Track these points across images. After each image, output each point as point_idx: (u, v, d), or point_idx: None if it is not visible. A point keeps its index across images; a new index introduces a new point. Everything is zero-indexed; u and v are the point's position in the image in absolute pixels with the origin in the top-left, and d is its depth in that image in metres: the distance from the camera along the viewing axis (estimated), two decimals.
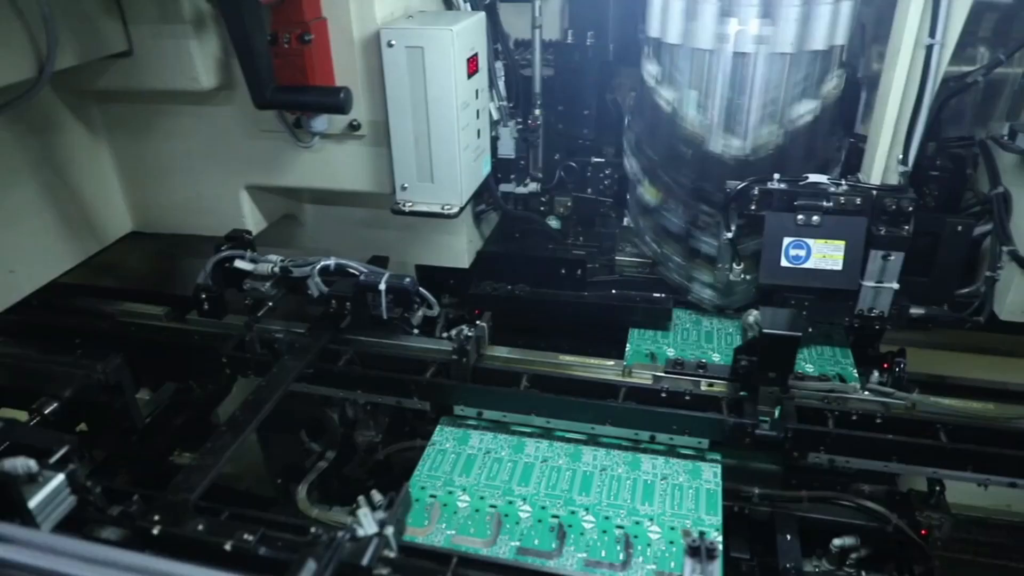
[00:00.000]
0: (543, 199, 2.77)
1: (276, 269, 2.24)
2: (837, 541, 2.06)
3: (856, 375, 2.36)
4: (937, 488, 2.16)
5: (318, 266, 2.23)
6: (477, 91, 2.29)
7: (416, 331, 2.31)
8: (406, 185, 2.27)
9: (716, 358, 2.41)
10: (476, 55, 2.24)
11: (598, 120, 2.72)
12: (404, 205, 2.29)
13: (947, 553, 2.30)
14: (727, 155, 2.42)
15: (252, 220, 2.53)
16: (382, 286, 2.15)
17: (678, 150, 2.47)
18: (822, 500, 2.15)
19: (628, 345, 2.52)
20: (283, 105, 2.15)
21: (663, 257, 2.71)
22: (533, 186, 2.73)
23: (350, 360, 2.25)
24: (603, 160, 2.72)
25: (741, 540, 2.18)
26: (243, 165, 2.43)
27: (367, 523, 1.49)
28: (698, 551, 1.44)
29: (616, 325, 2.61)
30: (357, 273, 2.22)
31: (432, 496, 1.99)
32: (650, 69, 2.46)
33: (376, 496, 2.02)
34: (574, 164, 2.74)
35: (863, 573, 2.10)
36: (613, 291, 2.67)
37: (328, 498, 2.47)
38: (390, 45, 2.09)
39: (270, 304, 2.28)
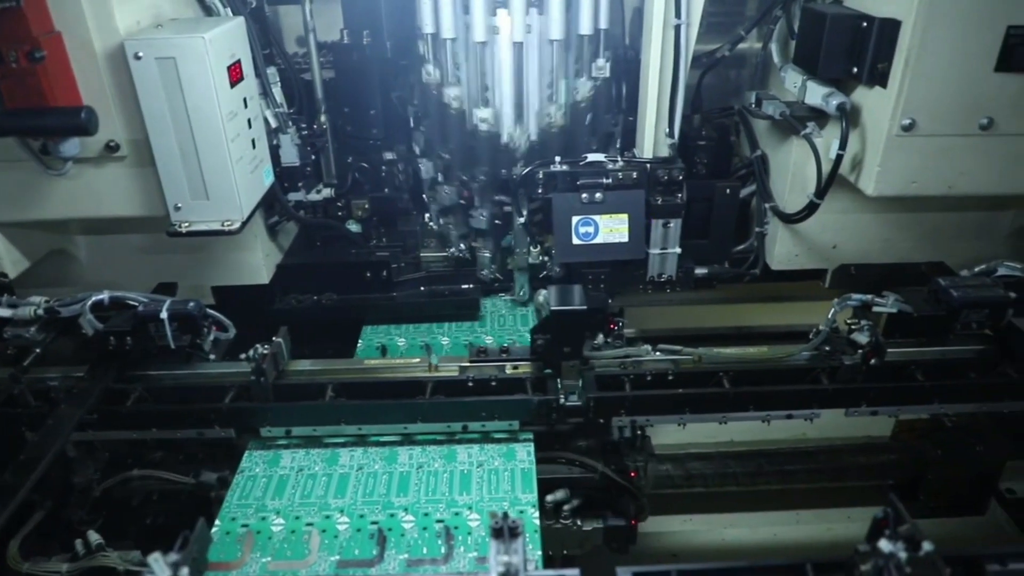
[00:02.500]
0: (339, 204, 2.71)
1: (40, 311, 2.05)
2: (549, 497, 2.14)
3: None
4: (639, 432, 2.30)
5: (89, 302, 2.05)
6: (245, 99, 2.19)
7: (212, 356, 2.19)
8: (180, 205, 2.14)
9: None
10: (238, 62, 2.14)
11: (385, 119, 2.69)
12: (180, 226, 2.16)
13: (656, 491, 2.48)
14: (514, 143, 2.49)
15: (9, 261, 2.27)
16: (164, 314, 2.02)
17: (468, 145, 2.50)
18: (541, 460, 2.16)
19: (360, 341, 2.58)
20: (15, 131, 1.95)
21: (472, 254, 2.74)
22: (327, 192, 2.67)
23: (140, 397, 2.09)
24: (395, 157, 2.70)
25: None
26: None
27: (158, 568, 1.39)
28: (501, 532, 1.46)
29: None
30: (136, 304, 2.07)
31: (244, 526, 1.90)
32: (429, 67, 2.47)
33: (93, 536, 1.89)
34: (366, 165, 2.70)
35: (578, 522, 2.20)
36: (422, 288, 2.67)
37: (48, 549, 2.22)
38: (138, 57, 1.95)
39: (38, 351, 2.07)
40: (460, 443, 2.12)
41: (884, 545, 1.44)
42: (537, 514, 1.90)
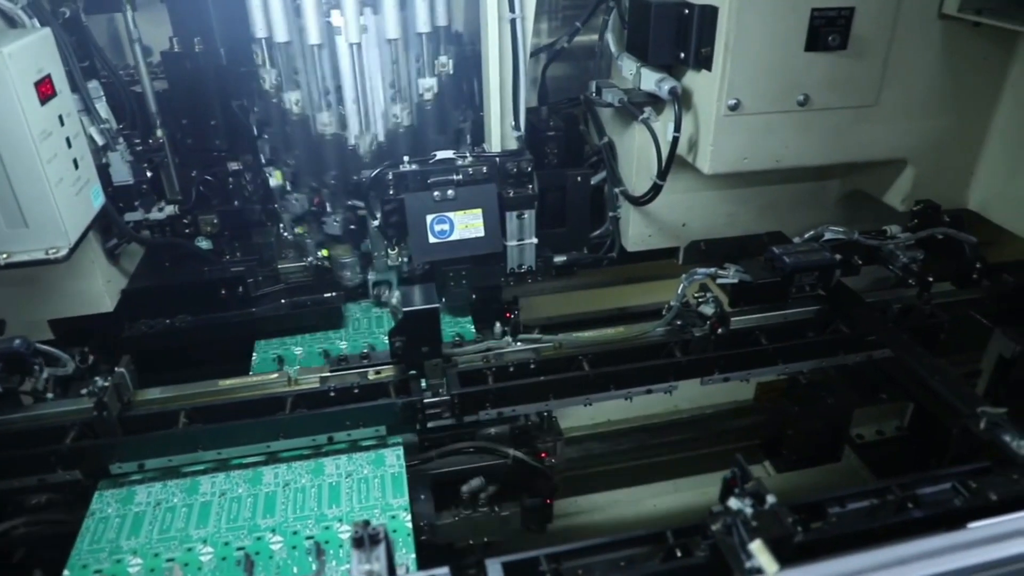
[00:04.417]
0: (186, 220, 2.58)
1: None
2: (465, 487, 2.18)
3: (474, 331, 2.52)
4: (547, 414, 2.36)
5: None
6: (61, 117, 2.04)
7: (50, 396, 2.03)
8: None
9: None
10: (48, 77, 1.99)
11: (228, 128, 2.58)
12: None
13: (568, 472, 2.57)
14: (362, 146, 2.45)
15: None
16: None
17: (315, 151, 2.44)
18: (452, 453, 2.21)
19: (255, 356, 2.49)
20: None
21: (331, 261, 2.67)
22: (170, 209, 2.53)
23: None
24: (241, 168, 2.60)
25: None
26: None
27: None
28: (362, 541, 1.44)
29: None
30: None
31: (97, 572, 1.78)
32: (266, 73, 2.39)
33: None
34: (211, 178, 2.58)
35: (496, 508, 2.24)
36: (282, 300, 2.58)
37: None
38: None
39: None
40: (327, 455, 2.07)
41: (733, 503, 1.53)
42: (409, 517, 1.89)
